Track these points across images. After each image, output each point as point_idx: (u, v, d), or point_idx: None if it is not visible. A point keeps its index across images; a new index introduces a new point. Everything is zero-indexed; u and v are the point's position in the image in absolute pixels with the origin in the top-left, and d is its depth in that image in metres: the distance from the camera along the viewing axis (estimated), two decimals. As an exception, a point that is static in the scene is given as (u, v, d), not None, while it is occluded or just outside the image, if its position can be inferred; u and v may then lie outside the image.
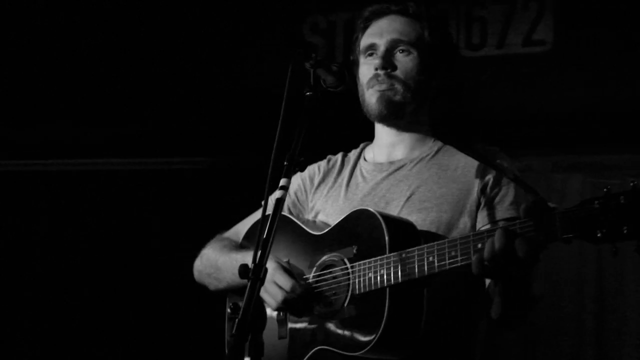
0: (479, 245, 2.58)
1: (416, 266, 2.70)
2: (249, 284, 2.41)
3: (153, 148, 5.90)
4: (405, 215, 2.94)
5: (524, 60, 5.45)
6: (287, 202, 3.22)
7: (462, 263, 2.64)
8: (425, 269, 2.68)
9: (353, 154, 3.28)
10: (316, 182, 3.25)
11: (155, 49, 5.91)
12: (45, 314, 5.87)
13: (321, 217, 3.14)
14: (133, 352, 5.65)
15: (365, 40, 3.15)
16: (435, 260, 2.67)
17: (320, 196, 3.21)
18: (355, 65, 3.17)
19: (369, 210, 2.86)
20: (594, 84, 5.37)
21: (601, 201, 2.37)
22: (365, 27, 3.18)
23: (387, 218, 2.83)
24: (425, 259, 2.68)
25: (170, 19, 5.88)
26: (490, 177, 2.96)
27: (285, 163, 2.62)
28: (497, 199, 2.95)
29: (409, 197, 2.99)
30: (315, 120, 2.72)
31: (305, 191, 3.27)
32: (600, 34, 5.28)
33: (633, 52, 5.26)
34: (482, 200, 2.95)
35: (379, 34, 3.11)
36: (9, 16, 5.94)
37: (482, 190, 2.96)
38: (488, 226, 2.89)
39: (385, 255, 2.75)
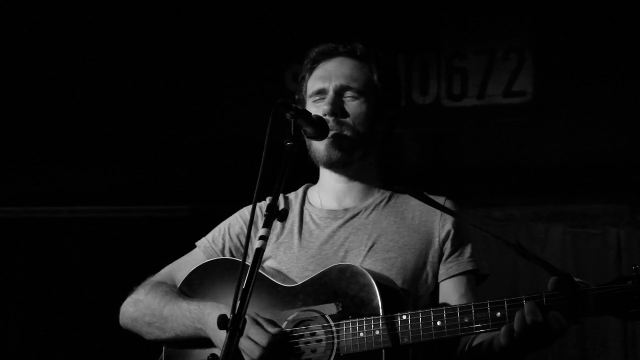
0: (499, 314, 2.56)
1: (421, 330, 2.63)
2: (228, 335, 2.36)
3: (133, 196, 5.88)
4: (370, 264, 2.86)
5: (505, 111, 5.49)
6: (230, 246, 3.08)
7: (478, 332, 2.61)
8: (433, 333, 2.62)
9: (295, 197, 3.13)
10: (260, 226, 2.79)
11: (138, 97, 5.92)
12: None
13: (272, 264, 2.98)
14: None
15: (313, 84, 3.03)
16: (445, 326, 2.61)
17: (268, 242, 2.90)
18: (301, 105, 3.02)
19: (355, 267, 2.76)
20: (575, 134, 5.43)
21: (635, 281, 2.46)
22: (313, 69, 3.06)
23: (375, 277, 2.72)
24: (433, 323, 2.62)
25: (152, 70, 5.89)
26: (450, 229, 2.94)
27: (265, 213, 2.58)
28: (458, 251, 2.93)
29: (371, 247, 2.91)
30: (295, 169, 2.71)
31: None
32: (580, 85, 5.34)
33: (613, 104, 5.32)
34: (445, 252, 2.93)
35: (327, 78, 3.00)
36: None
37: (444, 242, 2.93)
38: (451, 279, 2.89)
39: (381, 317, 2.66)
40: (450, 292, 2.90)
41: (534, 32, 5.47)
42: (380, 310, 2.67)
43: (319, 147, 2.97)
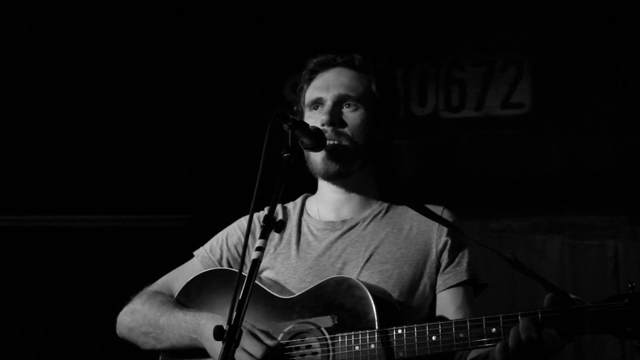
0: (493, 330, 2.57)
1: (416, 344, 2.63)
2: (223, 345, 2.36)
3: (131, 205, 5.87)
4: (367, 275, 2.86)
5: (503, 122, 5.49)
6: (227, 256, 3.08)
7: (473, 347, 2.62)
8: (428, 348, 2.63)
9: (293, 207, 3.13)
10: (258, 236, 2.72)
11: (138, 97, 5.92)
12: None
13: (269, 275, 2.98)
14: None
15: (311, 93, 3.02)
16: (440, 341, 2.62)
17: (266, 252, 2.89)
18: (299, 116, 3.03)
19: (352, 280, 2.76)
20: (573, 146, 5.43)
21: (630, 299, 2.45)
22: (311, 79, 3.05)
23: (372, 290, 2.73)
24: (427, 337, 2.63)
25: (149, 77, 5.88)
26: (447, 239, 2.94)
27: (262, 224, 2.58)
28: (455, 261, 2.93)
29: (368, 258, 2.91)
30: (292, 180, 2.71)
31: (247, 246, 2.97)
32: (578, 97, 5.35)
33: (611, 115, 5.33)
34: (442, 263, 2.92)
35: (325, 87, 2.99)
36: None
37: (441, 253, 2.93)
38: (448, 290, 2.89)
39: (376, 330, 2.67)
40: (447, 304, 2.90)
41: (532, 43, 5.47)
42: (376, 323, 2.68)
43: (317, 159, 2.96)
